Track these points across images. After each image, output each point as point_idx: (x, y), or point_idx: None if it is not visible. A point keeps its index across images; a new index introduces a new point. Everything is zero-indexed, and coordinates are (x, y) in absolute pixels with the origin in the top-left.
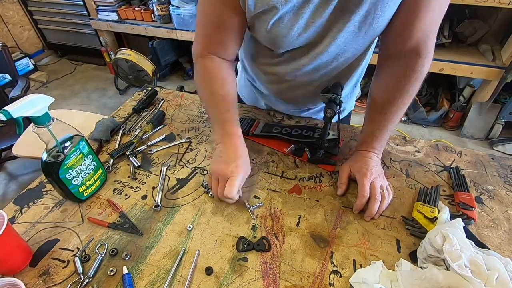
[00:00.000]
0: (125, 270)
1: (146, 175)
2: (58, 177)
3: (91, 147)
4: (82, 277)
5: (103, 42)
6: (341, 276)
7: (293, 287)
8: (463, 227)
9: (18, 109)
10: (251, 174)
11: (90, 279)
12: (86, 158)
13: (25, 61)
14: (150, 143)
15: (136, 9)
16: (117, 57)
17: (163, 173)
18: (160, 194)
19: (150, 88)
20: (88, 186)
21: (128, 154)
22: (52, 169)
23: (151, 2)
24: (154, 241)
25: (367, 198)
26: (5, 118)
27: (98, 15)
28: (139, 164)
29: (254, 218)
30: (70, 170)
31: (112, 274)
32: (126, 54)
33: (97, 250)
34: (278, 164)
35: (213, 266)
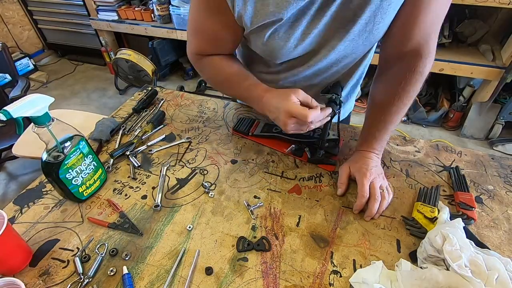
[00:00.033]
0: (125, 270)
1: (146, 175)
2: (58, 177)
3: (91, 147)
4: (82, 277)
5: (103, 42)
6: (341, 276)
7: (293, 287)
8: (463, 227)
9: (18, 109)
10: (251, 174)
11: (90, 279)
12: (86, 158)
13: (25, 61)
14: (150, 143)
15: (136, 9)
16: (117, 57)
17: (163, 173)
18: (160, 194)
19: (150, 88)
20: (88, 186)
21: (128, 154)
22: (52, 169)
23: (151, 2)
24: (154, 241)
25: (367, 198)
26: (5, 118)
27: (98, 15)
28: (139, 164)
29: (254, 218)
30: (70, 170)
31: (112, 274)
32: (126, 54)
33: (97, 250)
34: (278, 164)
35: (213, 266)
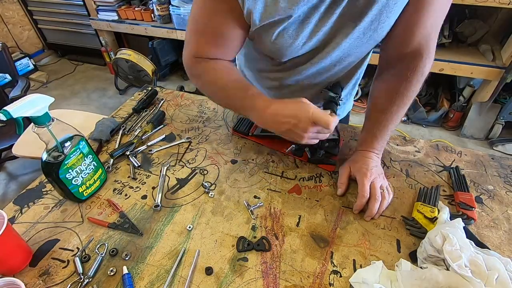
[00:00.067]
0: (125, 270)
1: (146, 175)
2: (58, 177)
3: (91, 147)
4: (82, 277)
5: (103, 42)
6: (341, 276)
7: (293, 287)
8: (463, 227)
9: (18, 109)
10: (251, 174)
11: (90, 279)
12: (86, 158)
13: (25, 61)
14: (150, 143)
15: (136, 9)
16: (117, 57)
17: (163, 173)
18: (160, 194)
19: (150, 88)
20: (88, 186)
21: (128, 154)
22: (52, 169)
23: (151, 2)
24: (154, 241)
25: (367, 198)
26: (5, 118)
27: (98, 15)
28: (139, 164)
29: (254, 218)
30: (70, 170)
31: (112, 274)
32: (126, 54)
33: (97, 250)
34: (278, 164)
35: (213, 266)
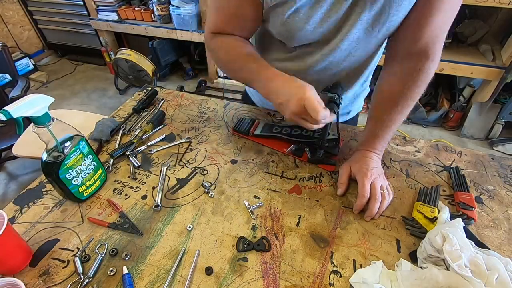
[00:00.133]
0: (125, 270)
1: (146, 175)
2: (58, 177)
3: (91, 147)
4: (82, 277)
5: (103, 42)
6: (341, 276)
7: (293, 287)
8: (463, 227)
9: (18, 109)
10: (251, 174)
11: (90, 279)
12: (86, 158)
13: (25, 61)
14: (150, 143)
15: (136, 9)
16: (117, 57)
17: (163, 173)
18: (160, 194)
19: (150, 88)
20: (88, 186)
21: (128, 154)
22: (52, 169)
23: (151, 2)
24: (154, 241)
25: (367, 198)
26: (5, 118)
27: (98, 15)
28: (139, 164)
29: (254, 218)
30: (70, 170)
31: (112, 274)
32: (126, 54)
33: (97, 250)
34: (278, 164)
35: (213, 266)
